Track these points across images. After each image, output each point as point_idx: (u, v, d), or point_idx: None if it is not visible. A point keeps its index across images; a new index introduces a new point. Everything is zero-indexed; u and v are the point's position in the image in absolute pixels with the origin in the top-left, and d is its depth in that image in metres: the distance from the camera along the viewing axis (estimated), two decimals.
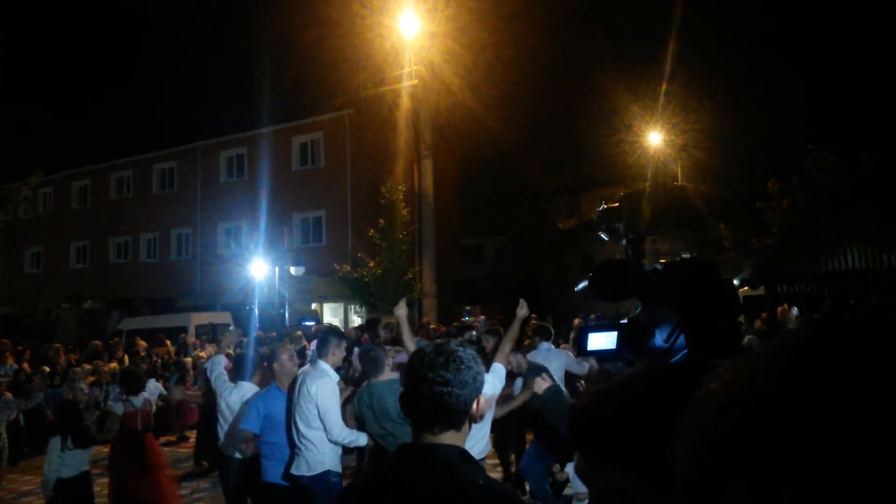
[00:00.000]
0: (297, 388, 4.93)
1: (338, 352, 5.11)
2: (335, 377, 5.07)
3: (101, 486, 6.43)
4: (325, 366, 4.98)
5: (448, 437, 1.74)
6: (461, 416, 1.76)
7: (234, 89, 49.08)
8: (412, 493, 1.66)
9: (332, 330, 5.68)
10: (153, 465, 5.87)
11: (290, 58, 32.79)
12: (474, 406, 1.79)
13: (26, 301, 29.27)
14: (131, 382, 6.29)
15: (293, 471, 4.82)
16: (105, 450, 7.02)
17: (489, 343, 7.00)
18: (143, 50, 57.50)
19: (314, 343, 9.76)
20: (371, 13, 20.71)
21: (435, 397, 1.73)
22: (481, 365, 1.85)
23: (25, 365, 12.38)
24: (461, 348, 1.83)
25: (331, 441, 4.81)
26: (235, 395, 5.57)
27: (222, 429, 5.55)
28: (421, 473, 1.70)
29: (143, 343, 16.31)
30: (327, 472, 4.83)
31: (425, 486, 1.66)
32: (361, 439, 4.97)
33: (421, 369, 1.77)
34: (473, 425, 1.90)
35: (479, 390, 1.81)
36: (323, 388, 4.81)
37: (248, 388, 5.62)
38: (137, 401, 6.15)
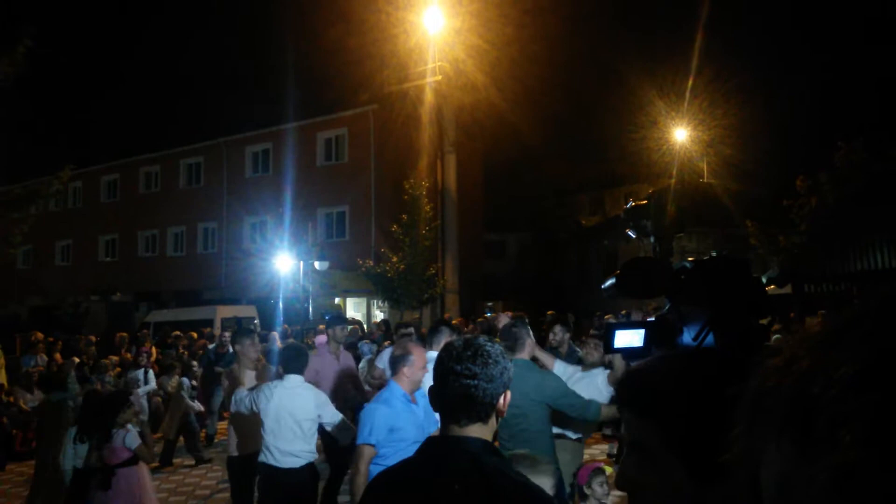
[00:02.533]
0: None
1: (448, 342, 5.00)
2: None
3: None
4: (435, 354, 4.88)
5: (474, 430, 1.77)
6: (487, 409, 1.79)
7: (261, 85, 49.46)
8: (438, 483, 1.70)
9: (445, 321, 5.50)
10: None
11: (316, 54, 33.03)
12: (501, 400, 1.82)
13: (56, 293, 29.83)
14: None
15: None
16: None
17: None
18: (172, 46, 58.19)
19: (318, 338, 9.86)
20: (395, 9, 20.75)
21: (462, 389, 1.77)
22: (509, 360, 1.88)
23: (58, 356, 12.62)
24: (490, 343, 1.87)
25: None
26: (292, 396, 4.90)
27: (275, 435, 4.85)
28: (447, 464, 1.73)
29: (176, 333, 16.50)
30: None
31: (451, 477, 1.69)
32: None
33: (449, 362, 1.81)
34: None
35: (506, 385, 1.83)
36: None
37: (297, 381, 4.98)
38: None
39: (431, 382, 1.94)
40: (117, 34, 56.47)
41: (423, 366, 4.08)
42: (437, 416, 2.35)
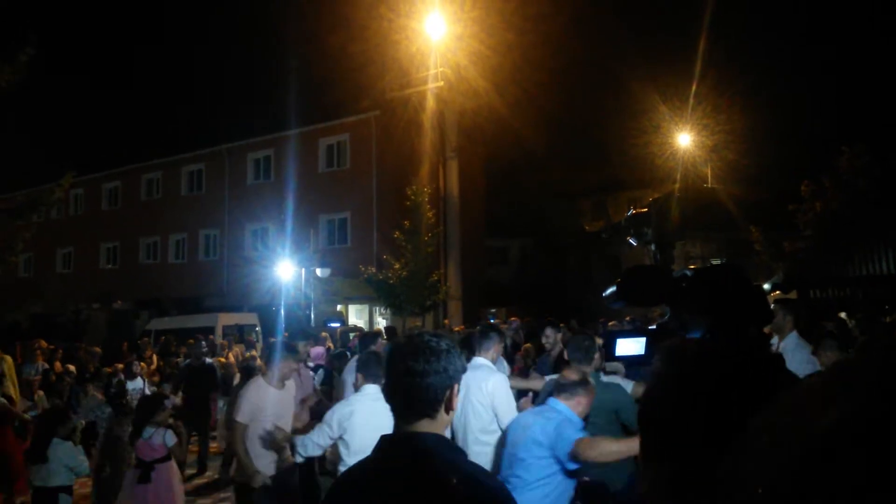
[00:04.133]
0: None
1: (496, 349, 4.94)
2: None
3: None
4: (484, 361, 4.83)
5: (424, 426, 1.80)
6: (434, 405, 1.80)
7: (262, 92, 49.55)
8: (396, 481, 1.72)
9: (494, 327, 5.40)
10: None
11: (317, 61, 33.06)
12: (449, 393, 1.84)
13: (57, 300, 29.83)
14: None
15: None
16: None
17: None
18: (172, 53, 58.40)
19: (313, 350, 9.68)
20: (397, 16, 20.80)
21: (407, 386, 1.80)
22: (455, 355, 1.89)
23: (57, 364, 12.56)
24: (434, 338, 1.89)
25: None
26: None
27: (362, 454, 4.53)
28: (403, 461, 1.76)
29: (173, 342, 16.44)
30: None
31: (409, 474, 1.72)
32: None
33: (395, 360, 1.86)
34: None
35: (453, 378, 1.85)
36: (498, 384, 4.61)
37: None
38: None
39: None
40: (118, 41, 56.76)
41: None
42: None
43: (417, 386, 1.79)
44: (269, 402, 4.98)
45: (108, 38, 58.20)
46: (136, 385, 10.25)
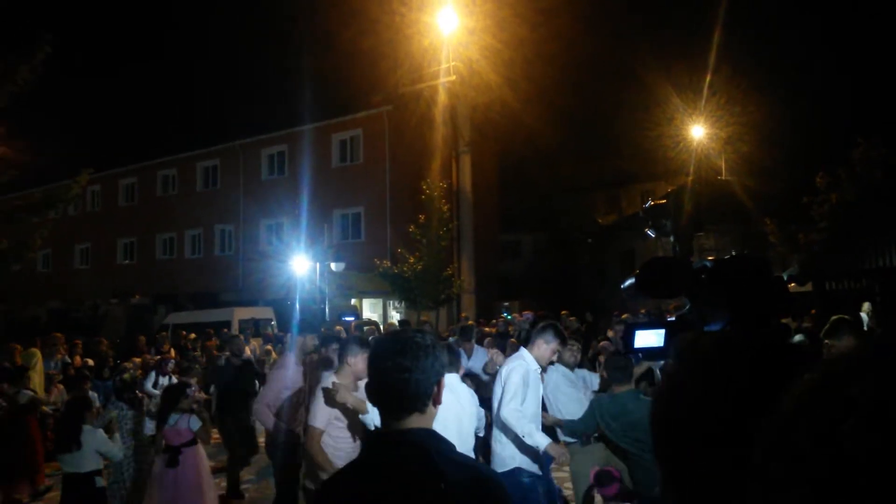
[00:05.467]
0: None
1: (550, 345, 4.91)
2: (534, 366, 4.87)
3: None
4: (525, 353, 4.91)
5: (414, 421, 1.83)
6: (424, 400, 1.84)
7: (276, 87, 49.72)
8: (393, 477, 1.75)
9: (553, 324, 5.29)
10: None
11: (330, 56, 33.16)
12: (436, 388, 1.88)
13: (75, 296, 30.14)
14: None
15: None
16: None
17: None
18: (187, 49, 58.65)
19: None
20: (410, 10, 20.80)
21: (397, 384, 1.82)
22: (440, 350, 1.93)
23: (77, 359, 12.73)
24: (418, 335, 1.93)
25: (503, 418, 4.61)
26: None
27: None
28: (397, 458, 1.79)
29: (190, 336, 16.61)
30: (517, 470, 4.61)
31: (404, 469, 1.75)
32: (538, 437, 4.56)
33: (382, 358, 1.88)
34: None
35: (439, 374, 1.89)
36: (513, 371, 4.72)
37: None
38: None
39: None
40: (134, 38, 57.06)
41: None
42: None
43: (408, 382, 1.81)
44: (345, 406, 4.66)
45: (123, 36, 58.58)
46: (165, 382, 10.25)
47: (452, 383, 4.36)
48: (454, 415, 4.09)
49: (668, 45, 49.92)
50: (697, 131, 28.77)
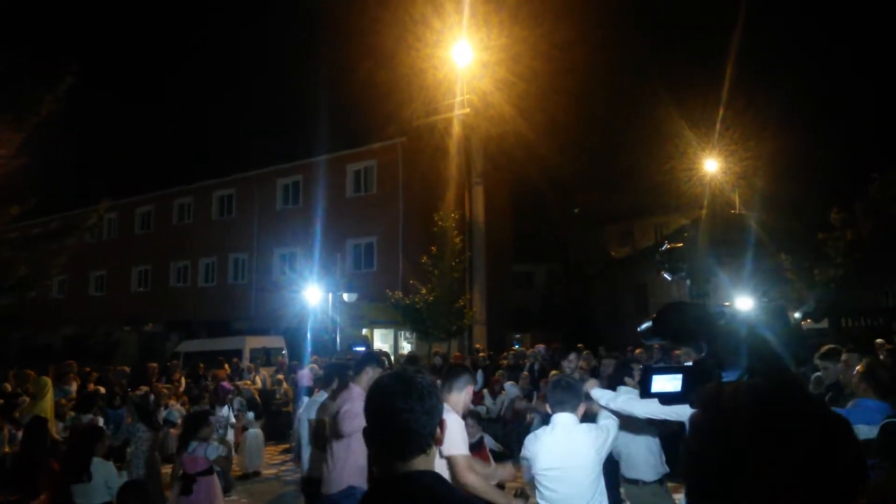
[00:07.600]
0: None
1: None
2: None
3: None
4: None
5: (419, 463, 1.79)
6: (429, 440, 1.82)
7: (291, 119, 50.31)
8: None
9: (630, 363, 4.98)
10: None
11: (345, 88, 33.54)
12: (438, 430, 1.86)
13: (89, 323, 30.30)
14: None
15: None
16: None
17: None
18: (203, 81, 59.60)
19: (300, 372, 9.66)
20: (424, 45, 21.06)
21: (404, 425, 1.79)
22: (437, 390, 1.93)
23: (91, 386, 12.74)
24: (419, 375, 1.91)
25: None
26: None
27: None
28: (406, 500, 1.75)
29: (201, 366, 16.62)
30: None
31: None
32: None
33: (385, 399, 1.85)
34: None
35: (441, 414, 1.89)
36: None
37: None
38: None
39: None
40: (152, 69, 58.06)
41: None
42: None
43: (414, 423, 1.79)
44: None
45: (142, 67, 59.66)
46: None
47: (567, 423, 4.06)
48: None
49: (681, 79, 50.20)
50: (711, 165, 28.76)
